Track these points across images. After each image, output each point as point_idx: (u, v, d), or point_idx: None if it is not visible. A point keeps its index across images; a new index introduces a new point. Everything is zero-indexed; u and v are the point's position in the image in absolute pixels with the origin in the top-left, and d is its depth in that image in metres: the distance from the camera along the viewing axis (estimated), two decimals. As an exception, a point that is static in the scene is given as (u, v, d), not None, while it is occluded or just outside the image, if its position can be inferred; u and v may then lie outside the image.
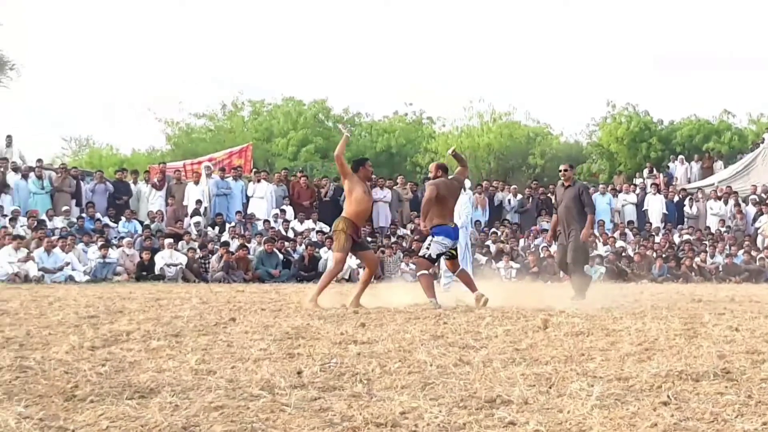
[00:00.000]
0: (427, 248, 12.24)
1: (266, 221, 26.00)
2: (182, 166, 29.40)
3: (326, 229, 25.10)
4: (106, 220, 24.96)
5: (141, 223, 25.17)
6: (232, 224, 25.59)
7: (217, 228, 25.27)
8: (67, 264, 21.37)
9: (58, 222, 23.82)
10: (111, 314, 9.89)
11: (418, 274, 12.55)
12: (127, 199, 26.27)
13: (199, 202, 25.91)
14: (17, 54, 54.31)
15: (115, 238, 23.78)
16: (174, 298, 11.70)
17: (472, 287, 12.25)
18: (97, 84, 79.76)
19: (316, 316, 9.63)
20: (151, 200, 26.40)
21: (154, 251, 22.75)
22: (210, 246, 23.38)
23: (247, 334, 7.83)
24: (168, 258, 22.46)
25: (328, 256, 23.48)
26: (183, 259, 22.56)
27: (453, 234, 12.39)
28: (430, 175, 12.79)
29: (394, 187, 28.78)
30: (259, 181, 27.41)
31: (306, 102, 46.59)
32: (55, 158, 44.83)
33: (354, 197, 12.01)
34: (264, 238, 24.02)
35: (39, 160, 27.32)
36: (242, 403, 4.51)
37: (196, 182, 26.71)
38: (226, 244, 23.25)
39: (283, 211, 26.78)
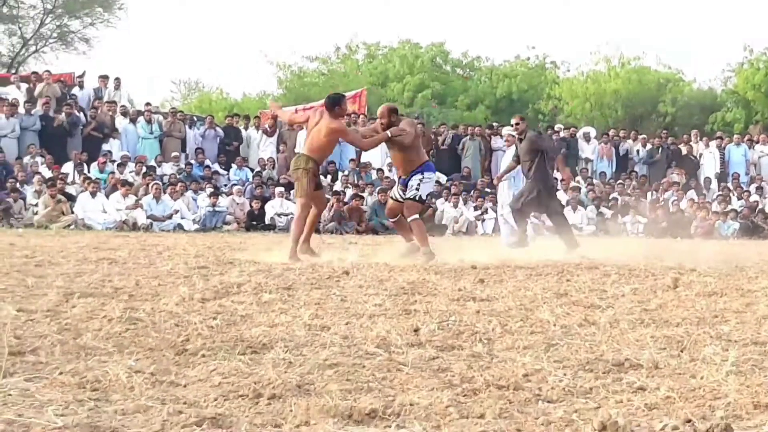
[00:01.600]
0: (417, 188, 11.43)
1: (380, 170, 25.63)
2: (294, 110, 29.30)
3: (443, 179, 24.80)
4: (216, 167, 25.02)
5: (252, 170, 25.19)
6: (345, 173, 25.40)
7: (329, 177, 24.94)
8: (176, 212, 21.47)
9: (167, 168, 23.95)
10: (221, 265, 9.81)
11: (409, 219, 11.49)
12: (238, 145, 26.28)
13: (311, 147, 25.73)
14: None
15: (225, 185, 23.85)
16: (285, 248, 11.56)
17: (407, 237, 11.71)
18: (208, 25, 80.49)
19: (432, 271, 9.40)
20: (262, 147, 26.33)
21: (265, 200, 22.75)
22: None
23: (361, 288, 7.64)
24: (279, 207, 22.47)
25: (444, 207, 23.24)
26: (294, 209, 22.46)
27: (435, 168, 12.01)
28: (383, 120, 11.50)
29: (516, 134, 28.20)
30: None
31: (423, 45, 45.80)
32: (164, 102, 45.31)
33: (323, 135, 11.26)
34: (378, 188, 23.74)
35: (148, 104, 27.45)
36: (357, 361, 4.34)
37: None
38: (337, 193, 23.00)
39: (399, 159, 26.42)
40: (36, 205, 20.25)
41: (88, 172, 22.54)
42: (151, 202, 21.32)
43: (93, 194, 20.71)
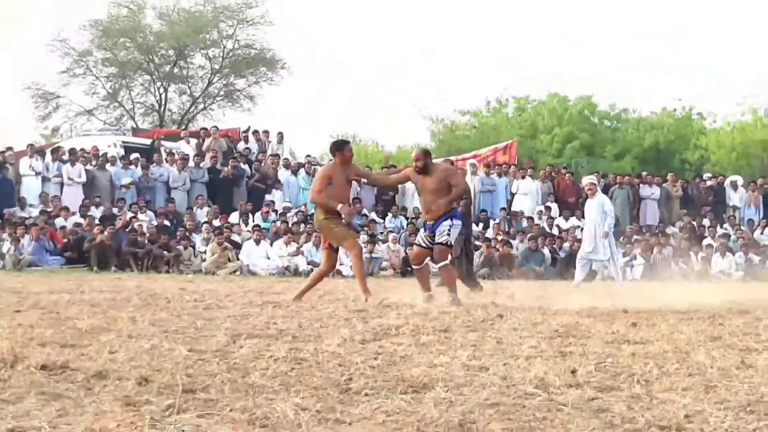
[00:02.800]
0: (448, 234, 11.20)
1: (530, 218, 25.75)
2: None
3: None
4: (372, 215, 25.41)
5: (406, 218, 25.48)
6: (497, 221, 25.52)
7: (481, 224, 25.15)
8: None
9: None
10: (379, 308, 9.95)
11: (440, 265, 11.37)
12: (394, 195, 26.67)
13: (463, 199, 25.94)
14: (288, 53, 56.29)
15: (381, 233, 24.16)
16: (439, 293, 11.65)
17: (426, 286, 11.44)
18: (364, 81, 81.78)
19: (585, 315, 9.34)
20: (416, 196, 26.62)
21: (419, 247, 22.92)
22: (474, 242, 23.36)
23: (515, 330, 7.66)
24: (432, 254, 22.59)
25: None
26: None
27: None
28: (419, 163, 11.29)
29: (663, 185, 27.98)
30: (523, 177, 27.25)
31: (571, 98, 46.02)
32: (323, 154, 46.23)
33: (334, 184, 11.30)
34: (528, 235, 23.81)
35: (308, 156, 28.23)
36: (518, 401, 4.38)
37: (461, 179, 26.76)
38: (488, 240, 23.16)
39: (548, 208, 26.49)
40: (204, 252, 20.97)
41: (253, 221, 23.23)
42: (312, 249, 21.78)
43: (257, 242, 21.35)
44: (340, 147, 11.69)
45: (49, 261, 20.68)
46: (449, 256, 11.32)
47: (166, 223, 22.41)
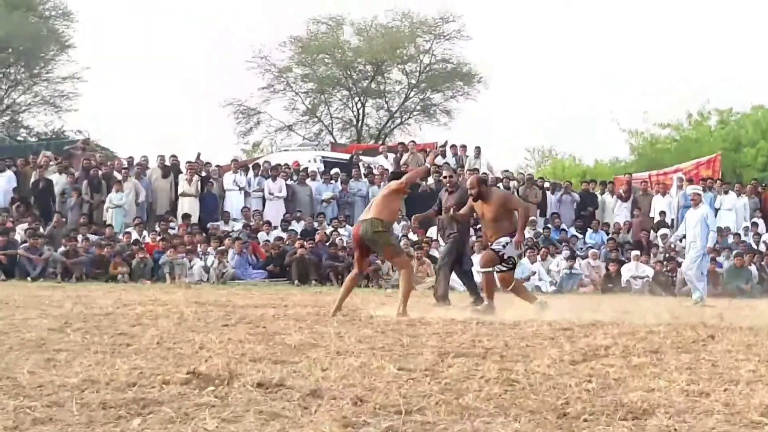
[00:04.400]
0: (504, 246, 11.61)
1: (736, 234, 24.84)
2: (648, 176, 28.99)
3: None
4: (572, 230, 25.06)
5: (607, 233, 25.02)
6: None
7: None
8: (533, 273, 21.69)
9: (526, 232, 24.19)
10: (584, 327, 9.74)
11: (480, 270, 12.07)
12: (593, 210, 26.24)
13: (663, 213, 25.32)
14: (484, 67, 56.19)
15: (581, 249, 23.81)
16: (643, 311, 11.39)
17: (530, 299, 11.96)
18: (561, 94, 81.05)
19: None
20: (616, 211, 26.20)
21: (621, 263, 22.51)
22: (677, 258, 22.72)
23: (729, 353, 7.36)
24: (634, 270, 22.14)
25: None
26: (650, 272, 22.13)
27: None
28: (473, 191, 11.79)
29: None
30: (726, 192, 26.34)
31: (776, 110, 44.03)
32: (520, 169, 46.08)
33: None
34: (734, 252, 22.99)
35: (505, 171, 28.30)
36: (744, 431, 4.15)
37: (663, 193, 26.15)
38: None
39: (755, 224, 25.51)
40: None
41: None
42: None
43: (455, 257, 21.32)
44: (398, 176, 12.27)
45: (252, 275, 21.22)
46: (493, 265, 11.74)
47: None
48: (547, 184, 27.78)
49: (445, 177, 13.67)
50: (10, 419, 4.15)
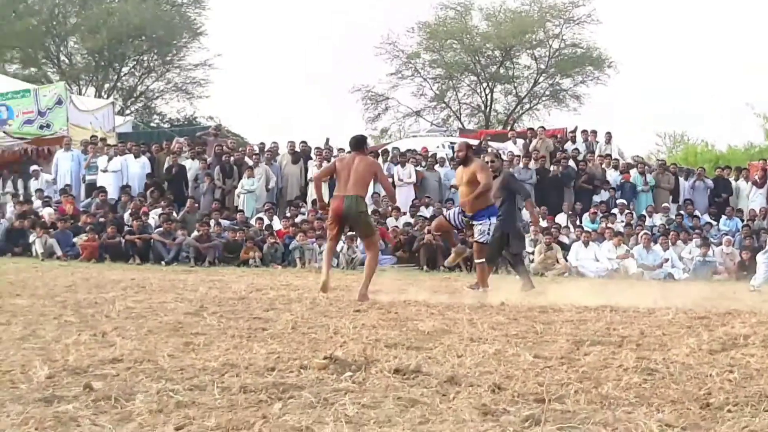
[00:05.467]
0: (488, 233, 12.00)
1: None
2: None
3: None
4: (705, 217, 24.51)
5: (742, 220, 24.39)
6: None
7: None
8: (666, 261, 21.29)
9: (657, 219, 23.81)
10: (721, 316, 9.51)
11: (479, 260, 12.21)
12: (728, 196, 25.60)
13: (800, 198, 24.59)
14: (615, 51, 55.44)
15: (715, 236, 23.27)
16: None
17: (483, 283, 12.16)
18: (693, 79, 79.35)
19: None
20: (751, 197, 25.49)
21: (755, 250, 21.89)
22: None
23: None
24: (770, 257, 21.51)
25: None
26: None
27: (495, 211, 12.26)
28: (460, 153, 12.25)
29: None
30: None
31: None
32: (650, 154, 45.32)
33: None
34: None
35: (637, 157, 27.73)
36: None
37: (800, 179, 25.37)
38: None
39: None
40: (532, 253, 20.92)
41: (580, 222, 22.97)
42: (642, 251, 21.28)
43: (585, 243, 21.08)
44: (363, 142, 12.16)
45: (381, 260, 21.29)
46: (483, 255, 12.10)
47: (494, 223, 22.56)
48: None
49: (487, 162, 13.56)
50: (155, 402, 4.24)
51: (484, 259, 12.20)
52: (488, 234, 12.03)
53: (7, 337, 6.48)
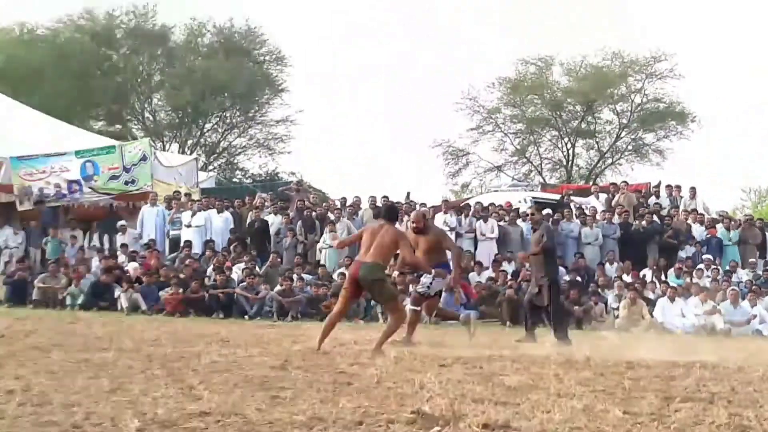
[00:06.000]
0: (428, 287, 12.47)
1: None
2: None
3: None
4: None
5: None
6: None
7: None
8: (754, 317, 20.86)
9: (744, 274, 23.39)
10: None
11: (410, 307, 12.76)
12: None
13: None
14: (697, 105, 54.92)
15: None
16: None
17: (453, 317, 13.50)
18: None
19: None
20: None
21: None
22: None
23: None
24: None
25: None
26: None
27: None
28: (419, 225, 12.75)
29: None
30: None
31: None
32: (735, 210, 44.64)
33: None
34: None
35: (721, 212, 27.32)
36: None
37: None
38: None
39: None
40: (617, 308, 20.68)
41: (665, 277, 22.66)
42: (729, 307, 20.88)
43: (671, 299, 20.76)
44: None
45: (465, 315, 21.20)
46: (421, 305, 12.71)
47: (577, 278, 22.34)
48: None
49: (531, 213, 13.73)
50: (244, 455, 4.26)
51: (418, 308, 12.72)
52: (428, 287, 12.49)
53: (96, 390, 6.56)
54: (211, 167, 45.57)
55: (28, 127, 28.30)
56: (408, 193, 26.42)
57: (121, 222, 24.42)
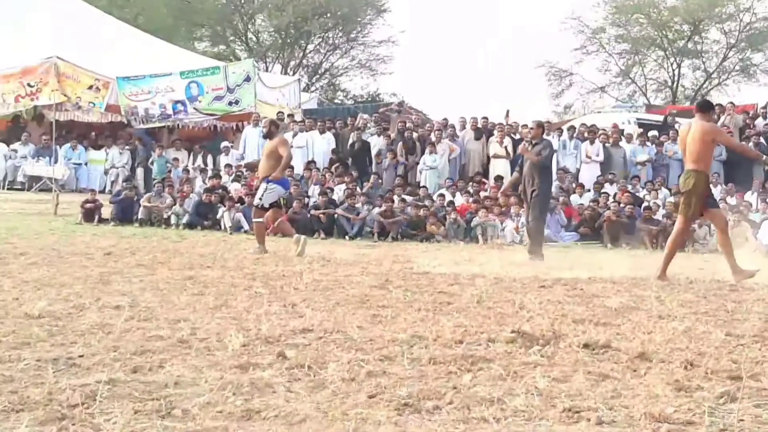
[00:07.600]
0: (261, 198, 13.40)
1: None
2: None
3: None
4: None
5: None
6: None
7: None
8: None
9: None
10: None
11: (254, 220, 13.79)
12: None
13: None
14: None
15: None
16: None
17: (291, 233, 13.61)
18: None
19: None
20: None
21: None
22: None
23: None
24: None
25: None
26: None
27: (287, 184, 14.20)
28: (265, 130, 13.93)
29: None
30: None
31: None
32: None
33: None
34: None
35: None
36: None
37: None
38: None
39: None
40: (719, 230, 20.36)
41: (768, 199, 22.20)
42: (841, 229, 20.41)
43: (775, 222, 20.36)
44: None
45: (564, 237, 21.08)
46: (263, 216, 13.46)
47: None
48: None
49: (528, 129, 13.39)
50: (346, 371, 4.34)
51: (261, 219, 13.48)
52: (260, 198, 13.39)
53: (201, 306, 6.73)
54: (313, 88, 45.72)
55: (134, 47, 28.72)
56: (507, 111, 26.23)
57: (225, 143, 24.75)
